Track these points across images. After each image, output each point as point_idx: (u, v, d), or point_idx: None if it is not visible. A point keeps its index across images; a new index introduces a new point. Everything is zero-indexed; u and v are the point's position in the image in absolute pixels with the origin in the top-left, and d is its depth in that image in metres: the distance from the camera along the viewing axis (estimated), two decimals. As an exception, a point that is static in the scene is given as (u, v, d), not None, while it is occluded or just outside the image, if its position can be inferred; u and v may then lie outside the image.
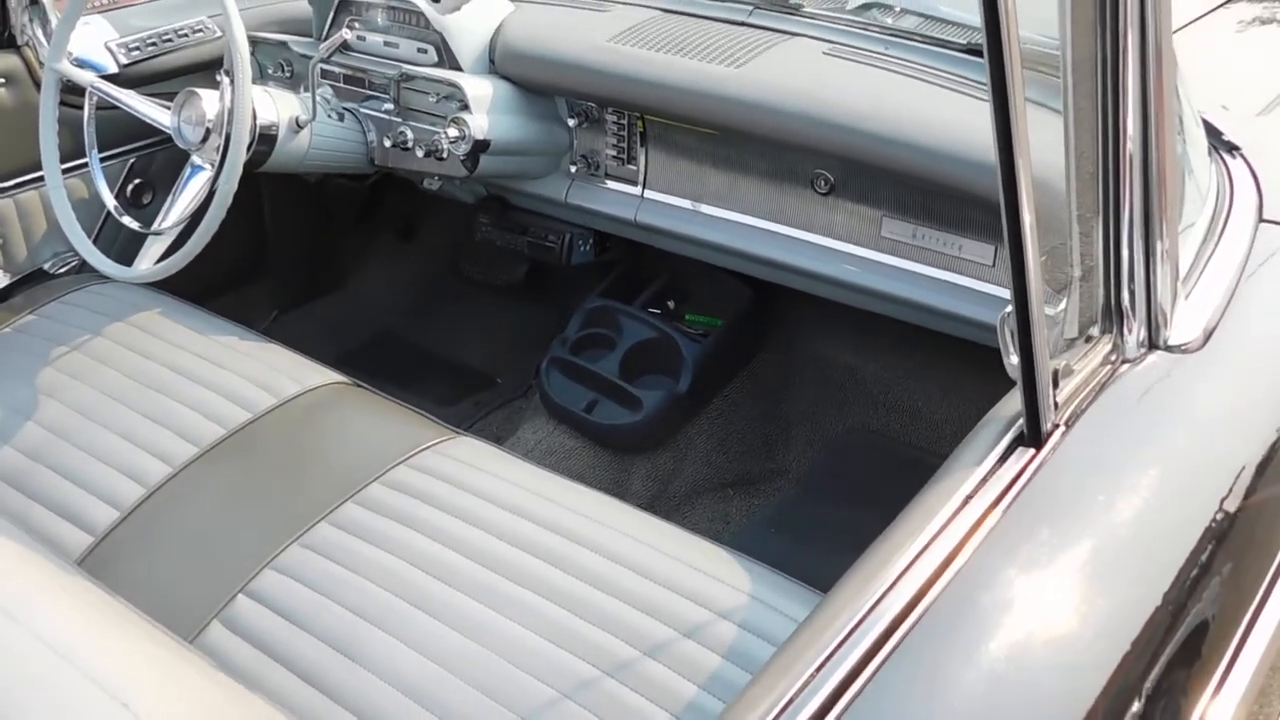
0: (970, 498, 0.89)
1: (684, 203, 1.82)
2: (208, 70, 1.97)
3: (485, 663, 1.10)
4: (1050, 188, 0.96)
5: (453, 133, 1.75)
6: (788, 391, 2.17)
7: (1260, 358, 1.15)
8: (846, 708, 0.75)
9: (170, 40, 1.95)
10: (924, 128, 1.49)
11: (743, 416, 2.11)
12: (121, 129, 1.86)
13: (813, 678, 0.77)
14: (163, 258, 1.62)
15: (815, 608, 0.85)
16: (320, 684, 1.10)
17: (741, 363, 2.15)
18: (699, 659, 1.09)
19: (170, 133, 1.65)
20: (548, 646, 1.11)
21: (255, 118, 1.64)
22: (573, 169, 1.91)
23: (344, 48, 1.89)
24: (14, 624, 0.80)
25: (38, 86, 1.82)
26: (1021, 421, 0.93)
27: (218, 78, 1.65)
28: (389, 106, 1.85)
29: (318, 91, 1.77)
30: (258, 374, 1.52)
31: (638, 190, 1.86)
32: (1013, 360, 0.89)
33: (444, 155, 1.77)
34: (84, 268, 1.84)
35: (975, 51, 1.61)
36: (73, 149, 1.75)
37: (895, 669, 0.77)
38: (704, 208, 1.80)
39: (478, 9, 1.84)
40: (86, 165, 1.73)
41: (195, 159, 1.65)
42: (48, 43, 1.82)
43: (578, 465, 1.97)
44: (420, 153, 1.81)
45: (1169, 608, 0.88)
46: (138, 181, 1.98)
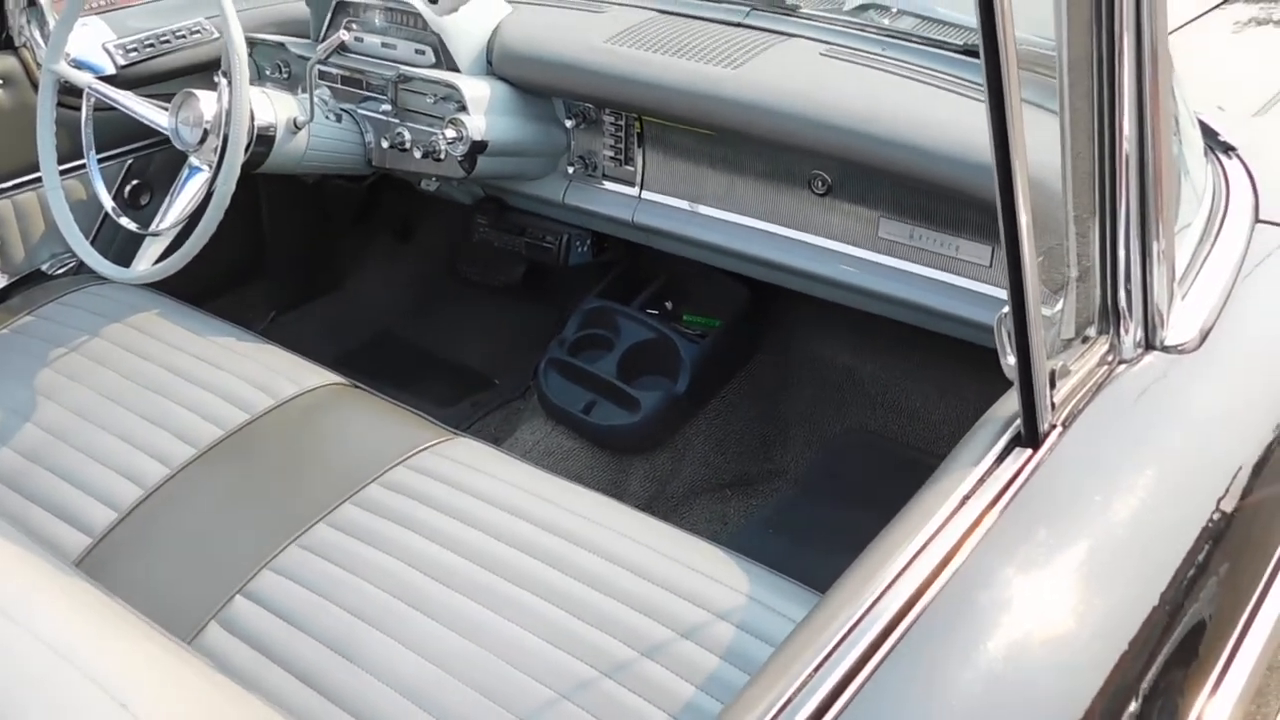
0: (968, 498, 0.89)
1: (681, 203, 1.82)
2: (205, 71, 1.97)
3: (483, 663, 1.10)
4: (1047, 188, 0.96)
5: (450, 134, 1.75)
6: (785, 392, 2.17)
7: (1256, 358, 1.15)
8: (844, 708, 0.75)
9: (168, 42, 1.95)
10: (921, 129, 1.49)
11: (740, 417, 2.11)
12: (119, 130, 1.86)
13: (810, 678, 0.77)
14: (160, 259, 1.62)
15: (813, 608, 0.85)
16: (318, 685, 1.10)
17: (739, 363, 2.16)
18: (697, 659, 1.09)
19: (168, 134, 1.65)
20: (546, 647, 1.11)
21: (253, 119, 1.65)
22: (570, 170, 1.91)
23: (341, 49, 1.89)
24: (13, 625, 0.80)
25: (35, 88, 1.81)
26: (1019, 422, 0.93)
27: (215, 79, 1.65)
28: (386, 108, 1.85)
29: (315, 93, 1.77)
30: (255, 375, 1.52)
31: (635, 191, 1.86)
32: (1010, 361, 0.89)
33: (441, 156, 1.78)
34: (82, 269, 1.83)
35: (972, 52, 1.62)
36: (70, 150, 1.75)
37: (893, 669, 0.78)
38: (701, 208, 1.80)
39: (475, 10, 1.84)
40: (84, 166, 1.73)
41: (193, 160, 1.65)
42: (45, 44, 1.82)
43: (576, 466, 1.97)
44: (418, 154, 1.81)
45: (1166, 607, 0.88)
46: (135, 183, 1.98)
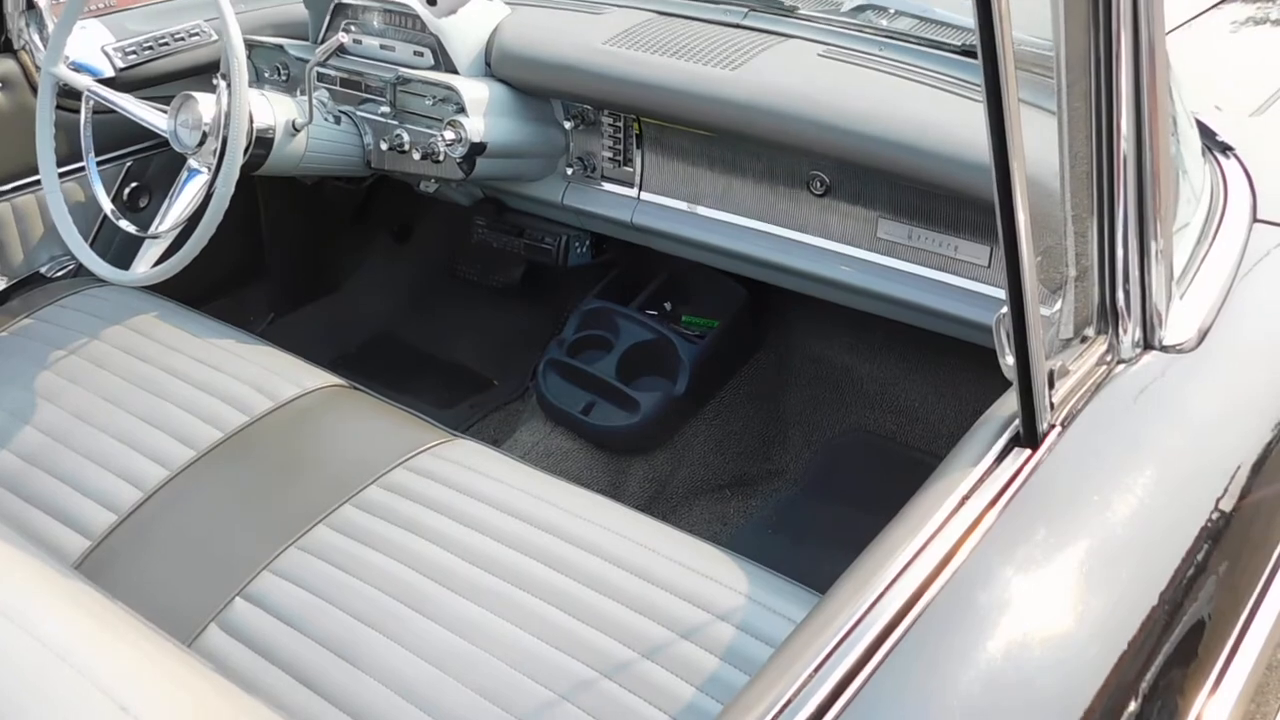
0: (967, 498, 0.89)
1: (680, 204, 1.82)
2: (204, 74, 1.97)
3: (483, 664, 1.10)
4: (1045, 188, 0.96)
5: (449, 135, 1.75)
6: (784, 393, 2.17)
7: (1255, 357, 1.15)
8: (844, 708, 0.75)
9: (167, 44, 1.95)
10: (919, 129, 1.49)
11: (740, 418, 2.11)
12: (118, 132, 1.86)
13: (810, 678, 0.77)
14: (159, 261, 1.62)
15: (813, 608, 0.85)
16: (318, 686, 1.10)
17: (738, 364, 2.16)
18: (696, 660, 1.09)
19: (167, 136, 1.65)
20: (545, 648, 1.11)
21: (252, 121, 1.65)
22: (569, 171, 1.92)
23: (340, 51, 1.89)
24: (12, 627, 0.80)
25: (34, 90, 1.81)
26: (1018, 422, 0.93)
27: (214, 81, 1.65)
28: (385, 109, 1.85)
29: (314, 95, 1.77)
30: (255, 377, 1.52)
31: (634, 192, 1.86)
32: (1008, 361, 0.89)
33: (440, 158, 1.78)
34: (80, 271, 1.83)
35: (969, 53, 1.62)
36: (69, 152, 1.75)
37: (893, 669, 0.78)
38: (700, 209, 1.80)
39: (473, 12, 1.84)
40: (83, 169, 1.72)
41: (192, 162, 1.65)
42: (44, 47, 1.82)
43: (575, 467, 1.97)
44: (417, 155, 1.81)
45: (1165, 607, 0.88)
46: (134, 185, 1.98)
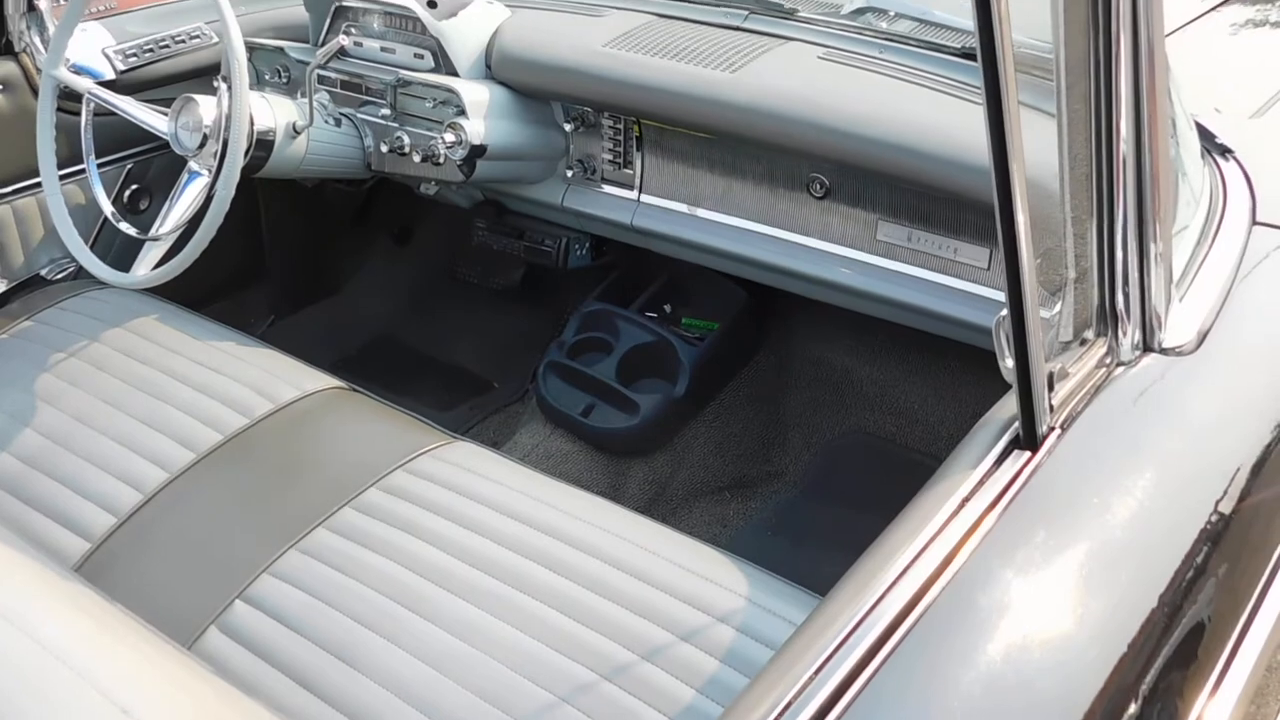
0: (967, 500, 0.89)
1: (680, 207, 1.82)
2: (205, 76, 1.97)
3: (483, 667, 1.10)
4: (1044, 190, 0.96)
5: (449, 138, 1.75)
6: (784, 395, 2.17)
7: (1254, 359, 1.16)
8: (845, 711, 0.75)
9: (167, 46, 1.95)
10: (919, 132, 1.49)
11: (739, 420, 2.11)
12: (119, 135, 1.86)
13: (810, 681, 0.77)
14: (160, 263, 1.62)
15: (813, 611, 0.85)
16: (318, 689, 1.10)
17: (738, 366, 2.16)
18: (696, 662, 1.09)
19: (167, 139, 1.65)
20: (545, 650, 1.11)
21: (252, 123, 1.65)
22: (569, 173, 1.92)
23: (341, 53, 1.89)
24: (12, 629, 0.80)
25: (35, 93, 1.82)
26: (1017, 424, 0.94)
27: (215, 84, 1.65)
28: (386, 112, 1.85)
29: (314, 97, 1.77)
30: (255, 379, 1.52)
31: (634, 194, 1.86)
32: (1008, 363, 0.90)
33: (440, 160, 1.78)
34: (81, 273, 1.84)
35: (969, 55, 1.62)
36: (70, 155, 1.75)
37: (893, 672, 0.78)
38: (700, 212, 1.80)
39: (474, 14, 1.85)
40: (84, 171, 1.73)
41: (192, 165, 1.65)
42: (45, 49, 1.82)
43: (575, 469, 1.97)
44: (417, 158, 1.81)
45: (1165, 609, 0.88)
46: (135, 187, 1.98)
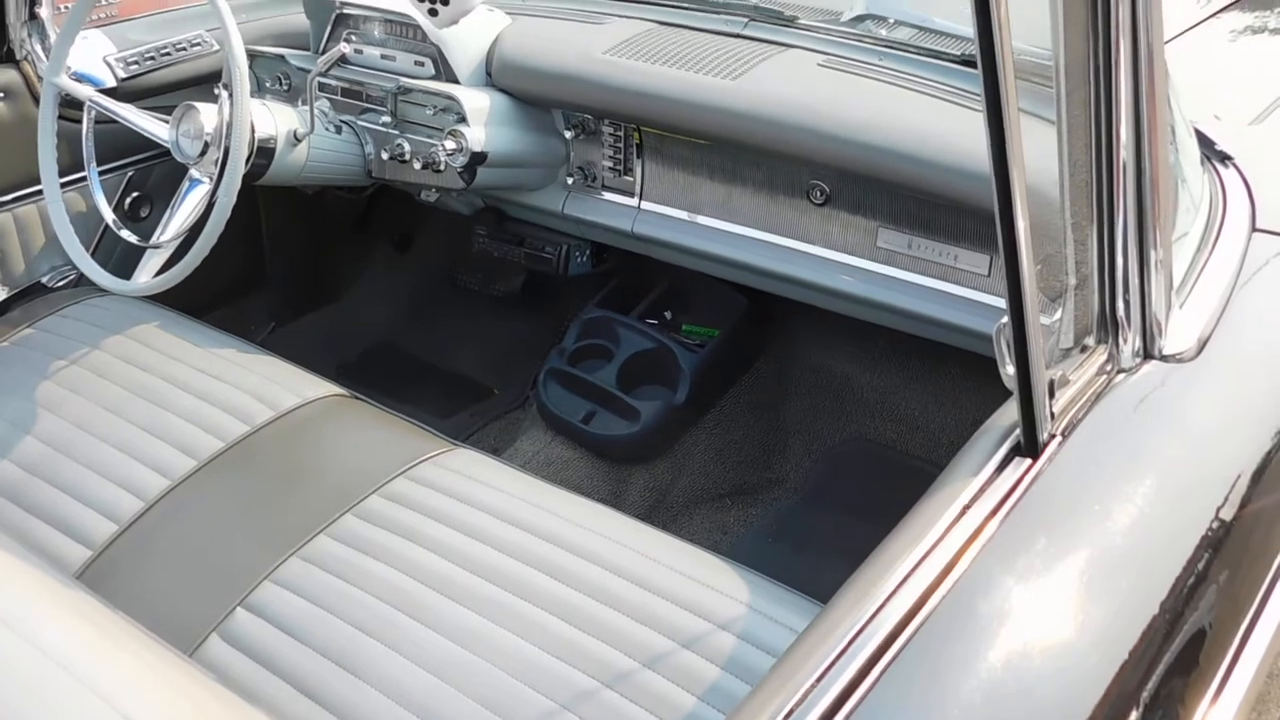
0: (968, 508, 0.89)
1: (680, 214, 1.82)
2: (206, 84, 1.97)
3: (484, 674, 1.10)
4: (1044, 197, 0.96)
5: (450, 145, 1.75)
6: (785, 401, 2.17)
7: (1254, 367, 1.16)
8: (847, 718, 0.75)
9: (168, 54, 1.95)
10: (918, 139, 1.50)
11: (740, 426, 2.11)
12: (120, 143, 1.87)
13: (813, 688, 0.77)
14: (161, 271, 1.62)
15: (814, 618, 0.85)
16: (319, 696, 1.10)
17: (739, 373, 2.16)
18: (698, 670, 1.09)
19: (169, 146, 1.65)
20: (546, 658, 1.11)
21: (253, 131, 1.65)
22: (569, 180, 1.92)
23: (341, 61, 1.89)
24: (14, 636, 0.80)
25: (36, 101, 1.82)
26: (1018, 431, 0.94)
27: (216, 91, 1.65)
28: (386, 119, 1.86)
29: (315, 105, 1.78)
30: (256, 386, 1.52)
31: (634, 201, 1.87)
32: (1009, 370, 0.90)
33: (441, 167, 1.78)
34: (82, 281, 1.84)
35: (969, 62, 1.62)
36: (71, 163, 1.75)
37: (894, 679, 0.78)
38: (700, 219, 1.81)
39: (474, 22, 1.85)
40: (85, 179, 1.73)
41: (194, 172, 1.65)
42: (46, 57, 1.82)
43: (575, 476, 1.97)
44: (418, 165, 1.81)
45: (1166, 616, 0.88)
46: (136, 195, 1.98)
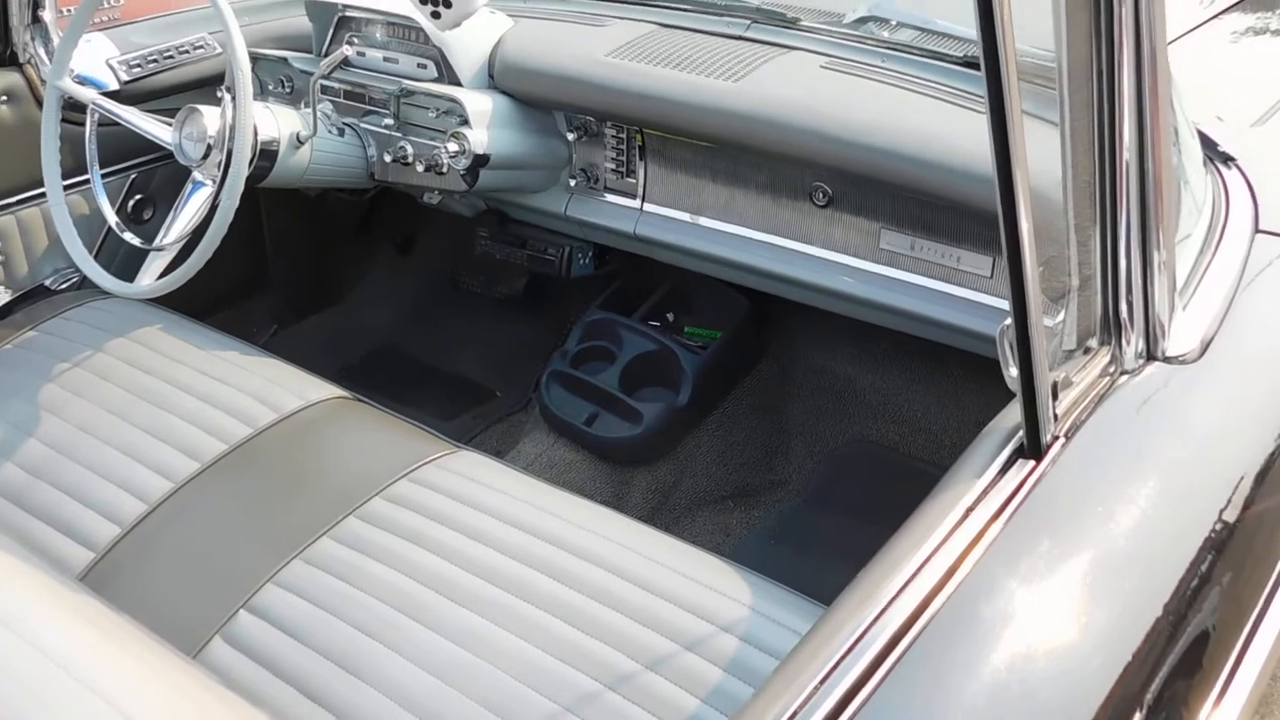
0: (971, 510, 0.89)
1: (683, 215, 1.82)
2: (209, 87, 1.98)
3: (487, 676, 1.10)
4: (1047, 198, 0.96)
5: (452, 147, 1.75)
6: (787, 403, 2.17)
7: (1257, 368, 1.16)
8: (850, 720, 0.75)
9: (171, 57, 1.95)
10: (921, 140, 1.50)
11: (742, 428, 2.11)
12: (123, 145, 1.87)
13: (816, 691, 0.77)
14: (164, 273, 1.62)
15: (818, 621, 0.85)
16: (322, 698, 1.10)
17: (741, 375, 2.16)
18: (701, 672, 1.09)
19: (171, 149, 1.66)
20: (549, 660, 1.11)
21: (256, 134, 1.65)
22: (572, 183, 1.92)
23: (344, 64, 1.90)
24: (17, 639, 0.80)
25: (39, 104, 1.82)
26: (1021, 433, 0.94)
27: (219, 94, 1.65)
28: (389, 121, 1.86)
29: (318, 107, 1.78)
30: (259, 389, 1.52)
31: (637, 203, 1.87)
32: (1012, 372, 0.90)
33: (444, 170, 1.78)
34: (85, 284, 1.84)
35: (972, 64, 1.62)
36: (74, 165, 1.76)
37: (898, 682, 0.78)
38: (703, 220, 1.81)
39: (477, 25, 1.85)
40: (88, 181, 1.73)
41: (196, 175, 1.65)
42: (49, 60, 1.83)
43: (578, 478, 1.97)
44: (420, 167, 1.81)
45: (1170, 618, 0.88)
46: (139, 197, 1.99)
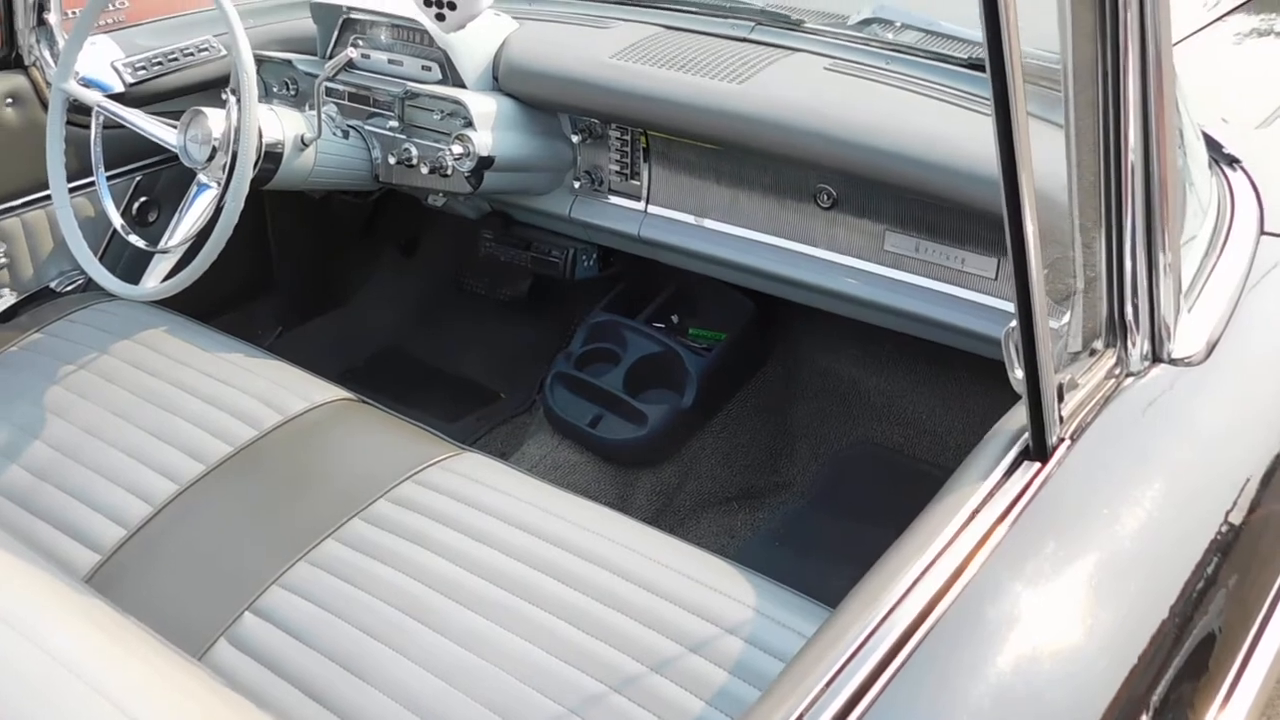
0: (977, 512, 0.89)
1: (687, 217, 1.82)
2: (213, 89, 1.98)
3: (491, 678, 1.10)
4: (1052, 200, 0.96)
5: (457, 149, 1.76)
6: (792, 405, 2.17)
7: (1263, 370, 1.15)
8: (856, 723, 0.75)
9: (176, 59, 1.96)
10: (926, 142, 1.50)
11: (747, 430, 2.11)
12: (127, 148, 1.87)
13: (822, 693, 0.77)
14: (169, 276, 1.62)
15: (824, 623, 0.85)
16: (328, 701, 1.10)
17: (746, 377, 2.16)
18: (706, 674, 1.09)
19: (176, 151, 1.66)
20: (554, 662, 1.11)
21: (261, 136, 1.65)
22: (576, 185, 1.92)
23: (348, 66, 1.90)
24: (23, 640, 0.80)
25: (45, 106, 1.83)
26: (1027, 435, 0.94)
27: (223, 96, 1.65)
28: (393, 124, 1.86)
29: (322, 109, 1.78)
30: (264, 391, 1.52)
31: (641, 205, 1.87)
32: (1018, 374, 0.89)
33: (448, 172, 1.78)
34: (90, 286, 1.84)
35: (977, 66, 1.62)
36: (79, 168, 1.76)
37: (904, 684, 0.77)
38: (707, 222, 1.81)
39: (481, 27, 1.85)
40: (93, 184, 1.73)
41: (201, 177, 1.65)
42: (55, 63, 1.83)
43: (582, 480, 1.97)
44: (425, 169, 1.81)
45: (1175, 620, 0.88)
46: (143, 200, 1.99)
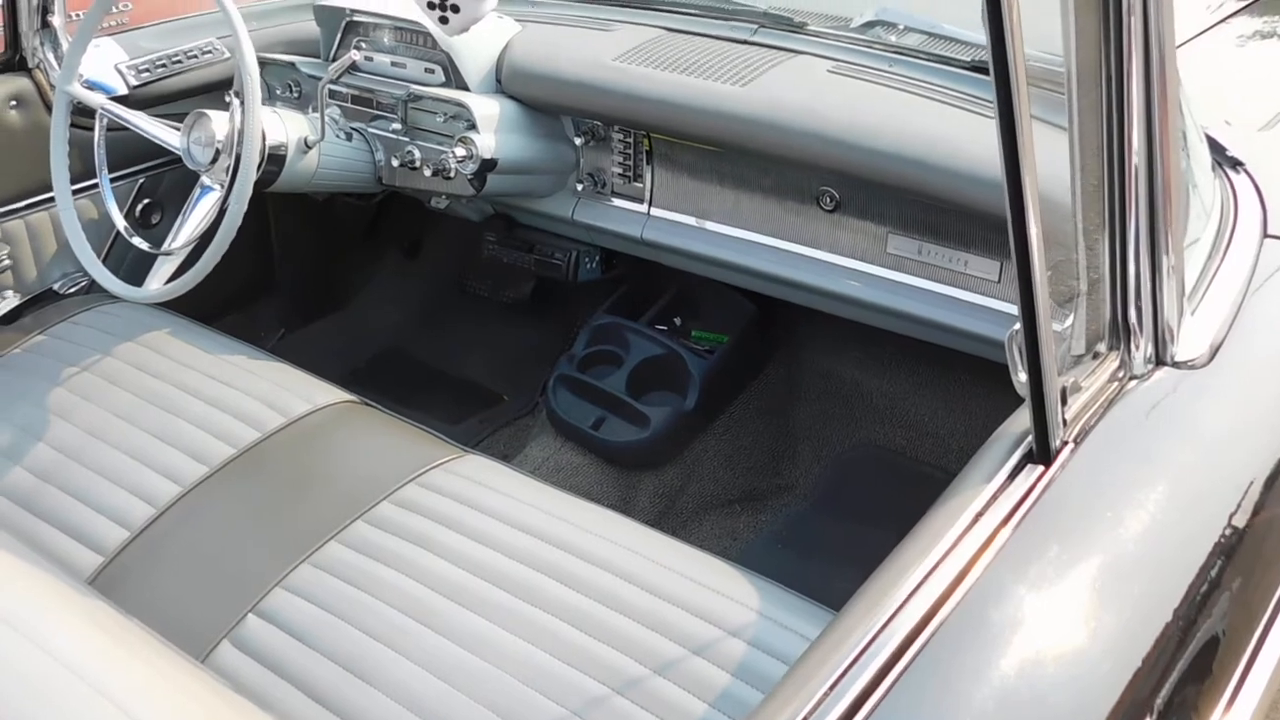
0: (980, 515, 0.89)
1: (690, 220, 1.83)
2: (217, 91, 1.98)
3: (494, 680, 1.10)
4: (1055, 203, 0.96)
5: (460, 152, 1.76)
6: (794, 407, 2.17)
7: (1266, 373, 1.15)
8: (859, 726, 0.75)
9: (180, 62, 1.96)
10: (929, 145, 1.50)
11: (749, 432, 2.11)
12: (131, 150, 1.87)
13: (826, 696, 0.77)
14: (172, 278, 1.63)
15: (827, 626, 0.85)
16: (330, 703, 1.10)
17: (748, 379, 2.16)
18: (709, 677, 1.09)
19: (180, 154, 1.66)
20: (557, 664, 1.11)
21: (264, 138, 1.66)
22: (579, 187, 1.92)
23: (352, 68, 1.90)
24: (26, 642, 0.80)
25: (49, 108, 1.83)
26: (1030, 438, 0.93)
27: (227, 99, 1.66)
28: (397, 126, 1.86)
29: (326, 112, 1.78)
30: (266, 393, 1.52)
31: (644, 208, 1.87)
32: (1021, 377, 0.89)
33: (451, 174, 1.78)
34: (93, 288, 1.85)
35: (980, 69, 1.62)
36: (83, 170, 1.76)
37: (907, 687, 0.77)
38: (710, 225, 1.81)
39: (484, 29, 1.85)
40: (96, 186, 1.74)
41: (205, 179, 1.66)
42: (59, 65, 1.84)
43: (585, 482, 1.97)
44: (428, 172, 1.82)
45: (1179, 624, 0.87)
46: (147, 202, 1.99)
